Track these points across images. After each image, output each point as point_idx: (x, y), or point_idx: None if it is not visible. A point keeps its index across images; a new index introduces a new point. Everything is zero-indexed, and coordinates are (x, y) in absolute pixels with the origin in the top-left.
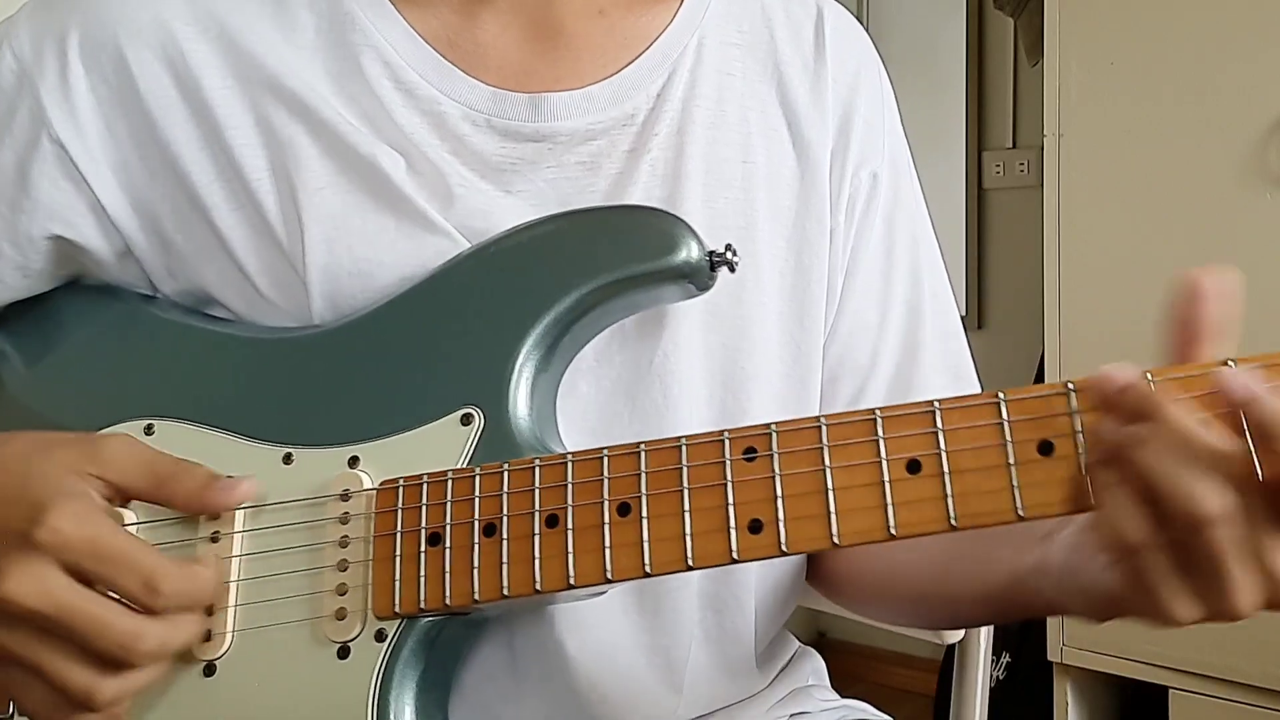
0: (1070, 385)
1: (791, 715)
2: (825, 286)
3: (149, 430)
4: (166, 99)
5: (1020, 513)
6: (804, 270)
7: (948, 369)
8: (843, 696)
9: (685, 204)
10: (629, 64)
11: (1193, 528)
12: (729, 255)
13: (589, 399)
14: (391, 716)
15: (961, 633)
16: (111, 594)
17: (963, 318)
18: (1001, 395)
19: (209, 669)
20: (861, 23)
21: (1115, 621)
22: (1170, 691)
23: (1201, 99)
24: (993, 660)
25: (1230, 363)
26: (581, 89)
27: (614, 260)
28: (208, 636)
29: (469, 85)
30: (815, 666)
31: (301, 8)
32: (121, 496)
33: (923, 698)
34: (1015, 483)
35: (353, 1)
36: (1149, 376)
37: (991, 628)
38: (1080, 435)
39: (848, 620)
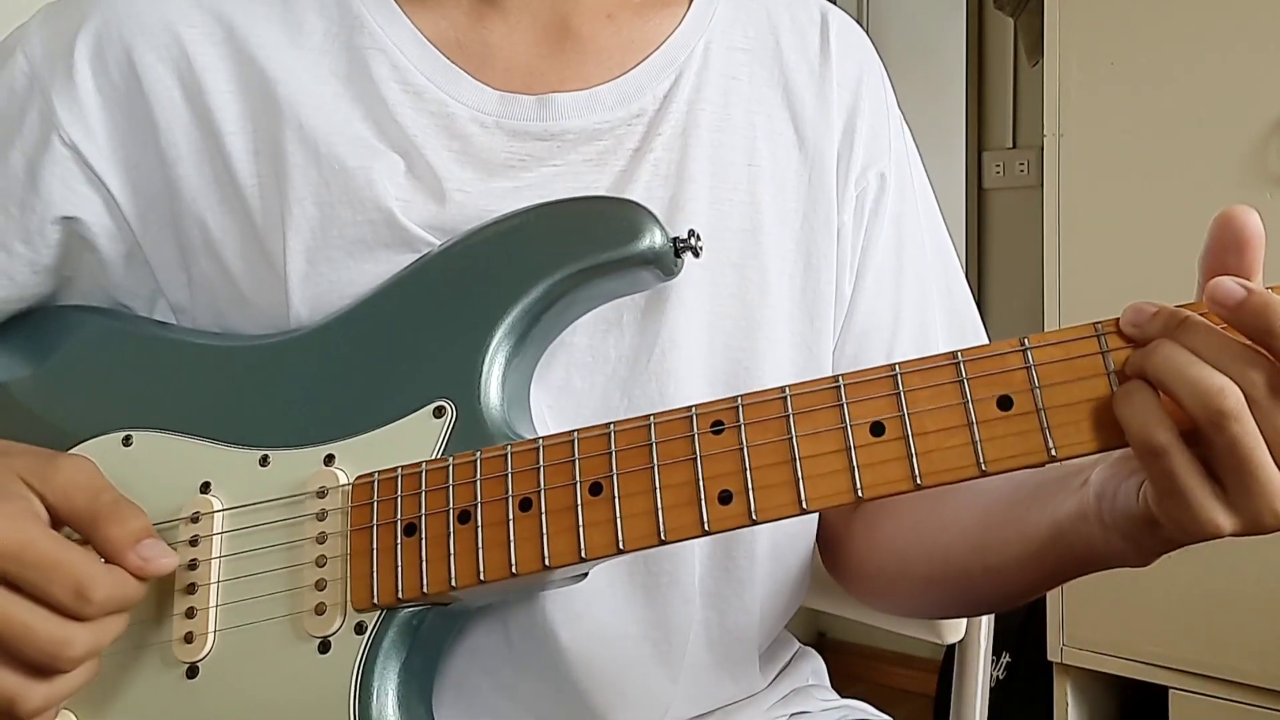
0: (1025, 341)
1: (792, 715)
2: (834, 287)
3: (127, 441)
4: (170, 102)
5: (983, 467)
6: (813, 271)
7: None
8: (843, 696)
9: (690, 204)
10: (636, 66)
11: (1215, 423)
12: (693, 241)
13: (583, 394)
14: (373, 707)
15: (961, 632)
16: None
17: None
18: (960, 355)
19: (191, 671)
20: (861, 23)
21: (1115, 621)
22: (1170, 691)
23: (1201, 99)
24: (993, 660)
25: None
26: (588, 89)
27: (579, 249)
28: (189, 639)
29: (476, 88)
30: (815, 666)
31: (309, 10)
32: (53, 517)
33: (923, 698)
34: (977, 438)
35: (361, 5)
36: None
37: (991, 628)
38: (1038, 391)
39: (848, 620)
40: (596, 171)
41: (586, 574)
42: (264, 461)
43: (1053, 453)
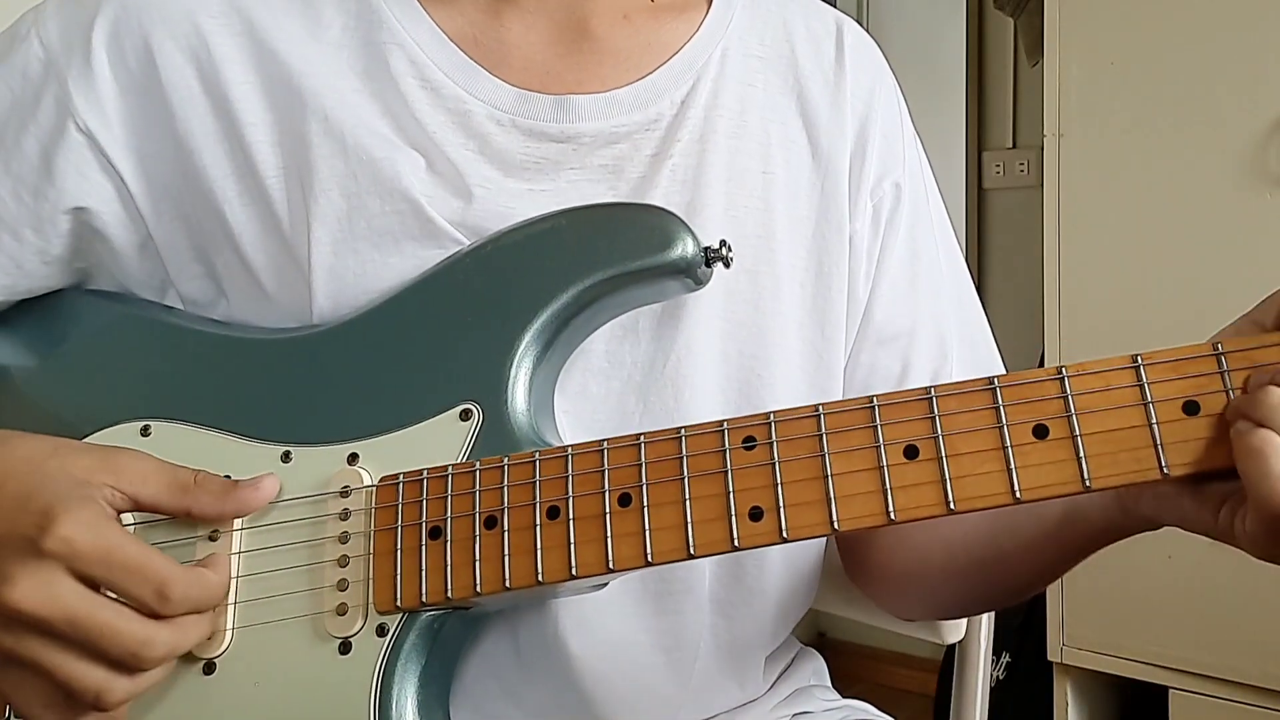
0: (1063, 370)
1: (794, 715)
2: (846, 295)
3: (145, 431)
4: (188, 91)
5: (1017, 494)
6: (824, 278)
7: (979, 374)
8: (843, 696)
9: (706, 210)
10: (653, 70)
11: None
12: (724, 251)
13: (600, 400)
14: (393, 710)
15: (962, 632)
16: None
17: None
18: (996, 381)
19: (209, 667)
20: (861, 23)
21: (1115, 622)
22: (1170, 691)
23: (1201, 99)
24: (993, 660)
25: None
26: (606, 92)
27: (611, 256)
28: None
29: (494, 85)
30: (816, 667)
31: (328, 5)
32: (137, 507)
33: (923, 698)
34: (1012, 465)
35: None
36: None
37: (991, 628)
38: (1075, 418)
39: (848, 620)
40: (614, 177)
41: (606, 584)
42: (286, 458)
43: (1087, 483)
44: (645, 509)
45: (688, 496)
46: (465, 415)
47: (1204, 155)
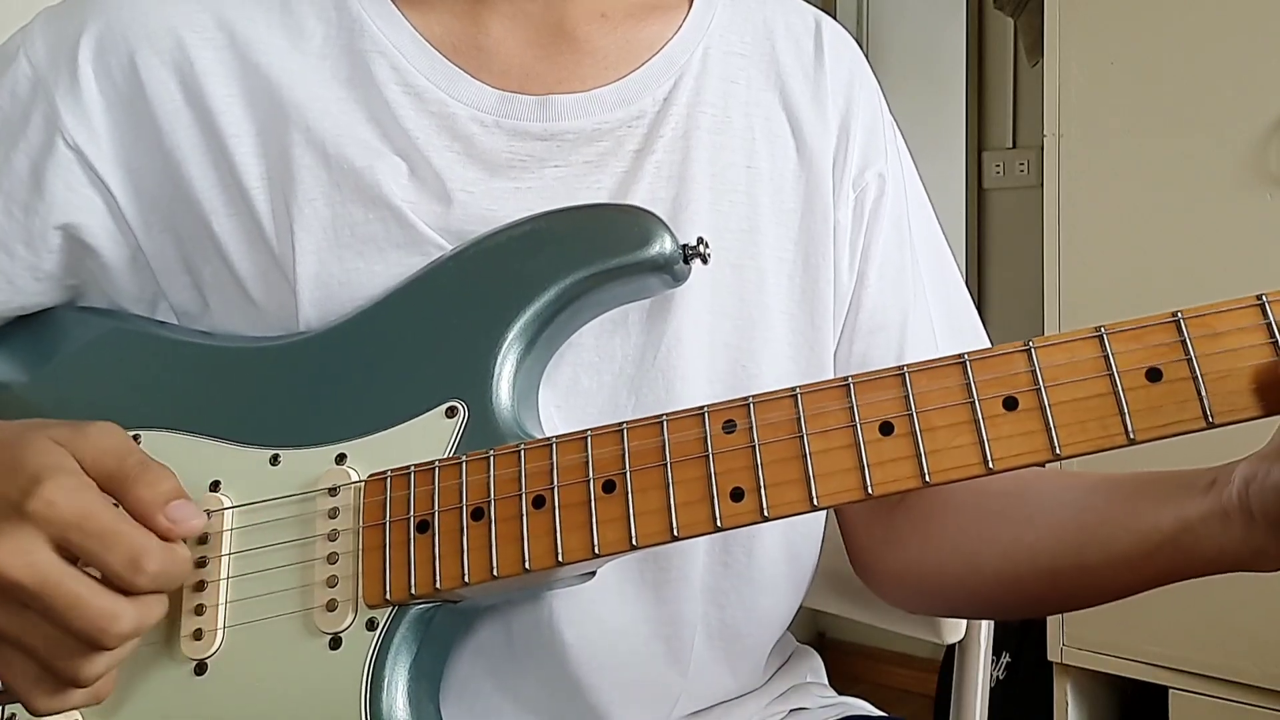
0: (1030, 343)
1: (790, 711)
2: (833, 285)
3: (135, 440)
4: (172, 105)
5: (990, 465)
6: (811, 270)
7: None
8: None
9: (691, 205)
10: (635, 70)
11: None
12: (701, 248)
13: (591, 393)
14: (384, 704)
15: (962, 632)
16: (92, 572)
17: None
18: (966, 356)
19: (200, 668)
20: (862, 23)
21: (1115, 621)
22: (1170, 691)
23: (1201, 99)
24: (993, 660)
25: None
26: (587, 91)
27: (591, 254)
28: (198, 635)
29: (476, 88)
30: (813, 665)
31: (309, 15)
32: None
33: (923, 698)
34: (984, 437)
35: (360, 7)
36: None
37: (991, 628)
38: (1043, 390)
39: (848, 620)
40: (598, 172)
41: (594, 573)
42: (275, 461)
43: (1057, 451)
44: (629, 494)
45: (670, 480)
46: (451, 412)
47: (1204, 155)
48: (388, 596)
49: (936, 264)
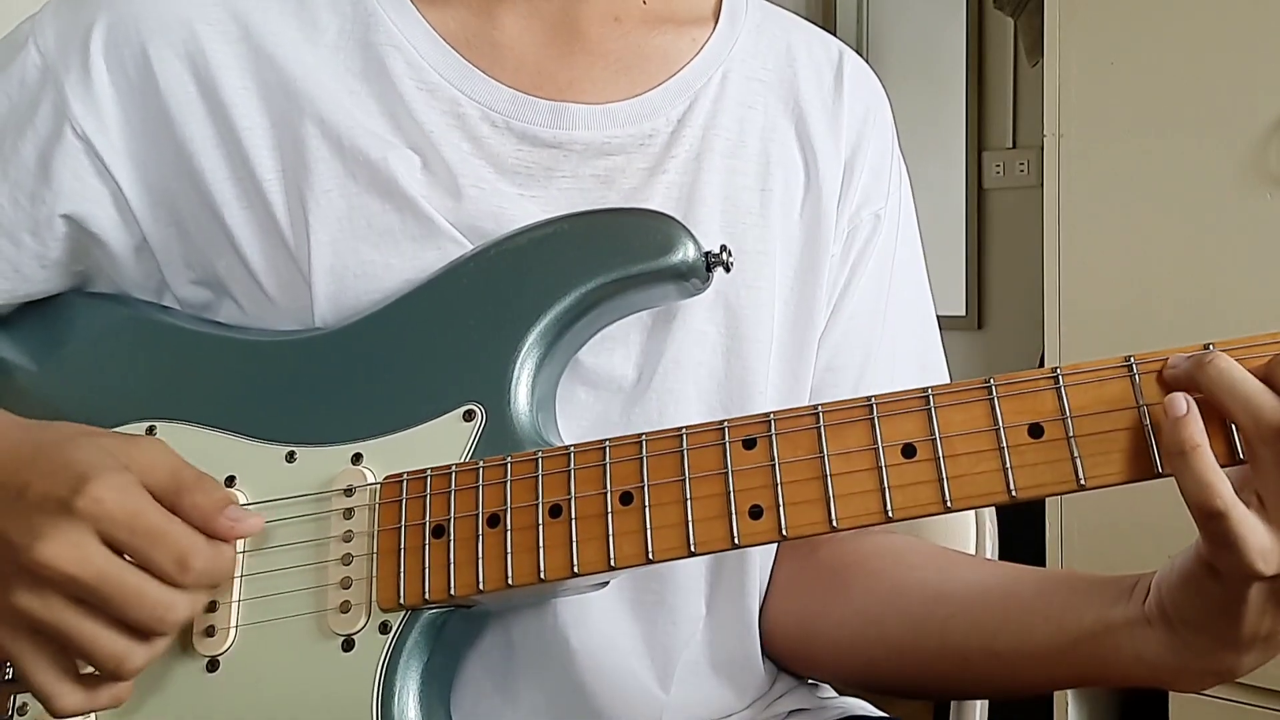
0: (1058, 370)
1: (790, 712)
2: (821, 316)
3: (150, 432)
4: (185, 96)
5: (1013, 492)
6: (806, 300)
7: None
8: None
9: (700, 227)
10: (652, 88)
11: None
12: (724, 256)
13: (586, 405)
14: (395, 707)
15: None
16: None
17: (962, 318)
18: (992, 381)
19: (212, 665)
20: (862, 23)
21: None
22: (1170, 691)
23: (1201, 99)
24: None
25: None
26: (602, 105)
27: (614, 260)
28: (210, 632)
29: (489, 86)
30: None
31: (323, 9)
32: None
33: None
34: (1008, 464)
35: (375, 1)
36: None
37: None
38: (1069, 420)
39: None
40: (605, 188)
41: (608, 582)
42: (290, 458)
43: (1081, 482)
44: (646, 507)
45: (689, 495)
46: (469, 416)
47: (1204, 155)
48: (402, 601)
49: (919, 309)
